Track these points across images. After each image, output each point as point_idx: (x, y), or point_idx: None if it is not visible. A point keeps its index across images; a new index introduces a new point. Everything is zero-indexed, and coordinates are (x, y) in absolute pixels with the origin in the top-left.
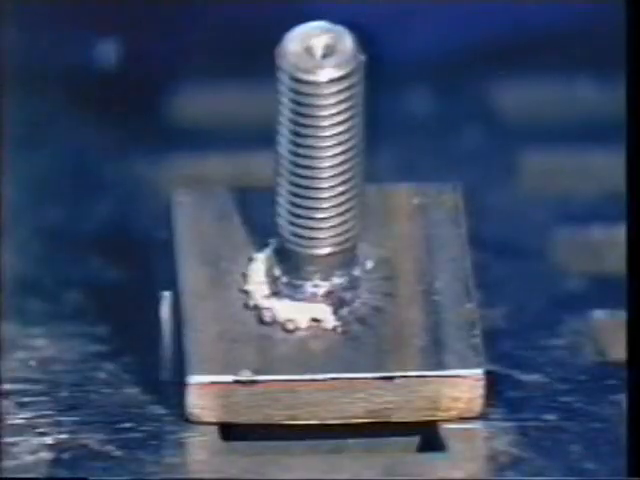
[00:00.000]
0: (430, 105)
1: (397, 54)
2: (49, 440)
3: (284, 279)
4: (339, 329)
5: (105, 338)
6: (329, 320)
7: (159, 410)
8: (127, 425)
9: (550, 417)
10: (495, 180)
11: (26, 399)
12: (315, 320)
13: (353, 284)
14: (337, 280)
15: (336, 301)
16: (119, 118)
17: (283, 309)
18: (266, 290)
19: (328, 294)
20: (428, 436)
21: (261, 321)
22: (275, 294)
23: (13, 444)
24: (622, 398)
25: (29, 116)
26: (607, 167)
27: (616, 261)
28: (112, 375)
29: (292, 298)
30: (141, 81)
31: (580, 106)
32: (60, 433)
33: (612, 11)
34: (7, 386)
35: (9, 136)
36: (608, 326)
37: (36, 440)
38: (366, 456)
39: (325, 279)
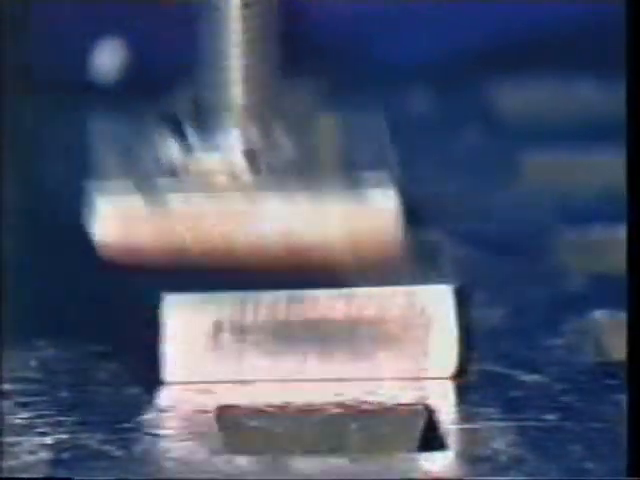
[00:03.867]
0: (430, 105)
1: (397, 54)
2: (49, 440)
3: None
4: None
5: (105, 338)
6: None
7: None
8: (127, 425)
9: (550, 417)
10: (495, 180)
11: (26, 399)
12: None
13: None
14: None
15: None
16: (120, 118)
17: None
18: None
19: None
20: (428, 436)
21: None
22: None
23: (13, 444)
24: (622, 398)
25: (29, 116)
26: (607, 167)
27: (616, 261)
28: (112, 375)
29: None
30: (142, 82)
31: (580, 106)
32: (60, 433)
33: (612, 11)
34: (7, 386)
35: (9, 136)
36: (608, 326)
37: (36, 440)
38: (366, 456)
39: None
